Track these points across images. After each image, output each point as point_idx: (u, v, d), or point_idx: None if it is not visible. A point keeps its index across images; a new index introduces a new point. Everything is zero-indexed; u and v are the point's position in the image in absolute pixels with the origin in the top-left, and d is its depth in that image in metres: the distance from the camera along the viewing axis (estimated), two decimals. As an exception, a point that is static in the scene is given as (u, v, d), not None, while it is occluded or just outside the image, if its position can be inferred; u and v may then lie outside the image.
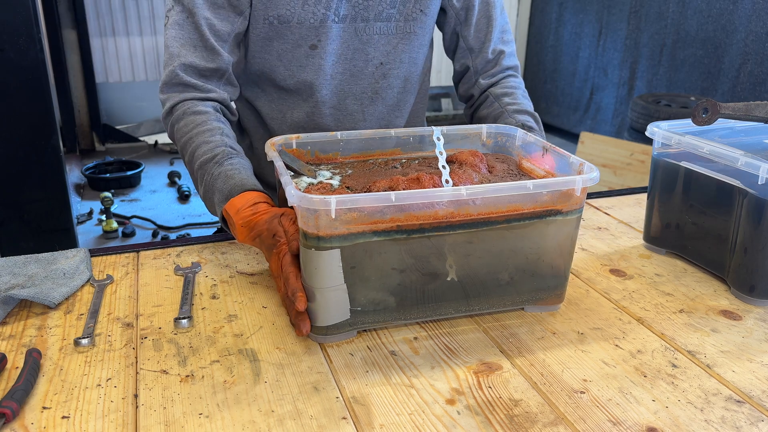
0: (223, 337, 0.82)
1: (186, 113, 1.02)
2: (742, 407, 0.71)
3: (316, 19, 1.05)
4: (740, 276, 0.93)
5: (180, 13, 1.01)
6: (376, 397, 0.71)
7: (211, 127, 0.99)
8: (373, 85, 1.14)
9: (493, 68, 1.21)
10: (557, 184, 0.80)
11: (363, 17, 1.07)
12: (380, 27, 1.09)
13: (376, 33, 1.09)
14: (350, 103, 1.15)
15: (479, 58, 1.20)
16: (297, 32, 1.06)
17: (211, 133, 0.98)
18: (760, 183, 0.86)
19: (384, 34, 1.10)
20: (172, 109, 1.03)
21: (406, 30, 1.11)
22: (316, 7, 1.04)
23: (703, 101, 0.92)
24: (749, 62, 3.39)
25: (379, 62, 1.12)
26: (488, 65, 1.21)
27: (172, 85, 1.04)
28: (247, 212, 0.89)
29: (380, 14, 1.08)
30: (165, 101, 1.04)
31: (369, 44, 1.10)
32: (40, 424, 0.66)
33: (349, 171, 0.96)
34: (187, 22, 1.01)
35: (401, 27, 1.10)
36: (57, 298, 0.87)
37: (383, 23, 1.08)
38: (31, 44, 2.26)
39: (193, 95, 1.03)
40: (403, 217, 0.76)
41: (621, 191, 1.36)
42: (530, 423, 0.67)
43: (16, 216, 2.40)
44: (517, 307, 0.88)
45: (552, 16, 4.89)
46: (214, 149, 0.97)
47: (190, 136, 0.99)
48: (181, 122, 1.02)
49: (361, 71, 1.13)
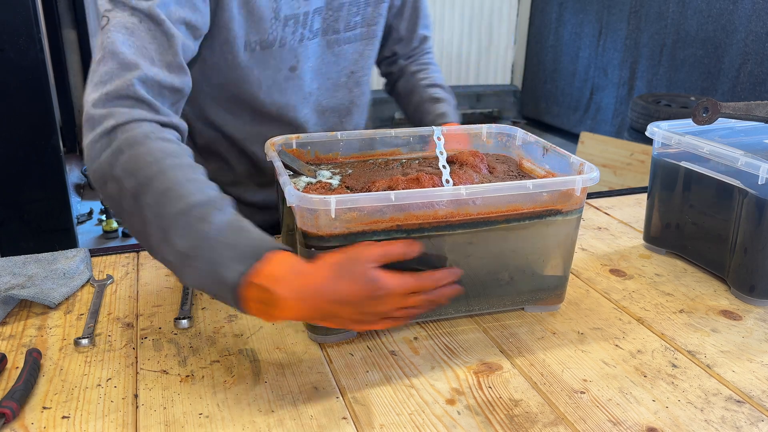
0: (223, 337, 0.82)
1: (148, 137, 0.74)
2: (742, 407, 0.71)
3: (295, 39, 1.00)
4: (740, 276, 0.93)
5: (131, 17, 0.80)
6: (376, 397, 0.71)
7: (191, 163, 0.75)
8: (348, 95, 1.14)
9: (414, 50, 1.29)
10: (557, 184, 0.80)
11: (334, 29, 1.05)
12: (349, 36, 1.07)
13: (345, 43, 1.08)
14: (329, 117, 1.14)
15: (408, 46, 1.26)
16: (278, 56, 0.99)
17: (193, 169, 0.74)
18: (760, 183, 0.86)
19: (352, 42, 1.09)
20: (117, 129, 0.74)
21: (369, 35, 1.11)
22: (296, 27, 0.99)
23: (704, 101, 0.92)
24: (749, 62, 3.39)
25: (350, 71, 1.11)
26: (413, 50, 1.28)
27: (120, 98, 0.76)
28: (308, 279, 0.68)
29: (348, 23, 1.06)
30: (104, 117, 0.75)
31: (341, 56, 1.09)
32: (40, 424, 0.66)
33: (349, 171, 0.96)
34: (142, 28, 0.80)
35: (365, 33, 1.10)
36: (57, 298, 0.87)
37: (351, 32, 1.08)
38: (31, 44, 2.26)
39: (151, 116, 0.77)
40: (402, 217, 0.76)
41: (621, 191, 1.36)
42: (530, 423, 0.67)
43: (16, 216, 2.40)
44: (517, 307, 0.88)
45: (552, 16, 4.89)
46: (206, 190, 0.72)
47: (161, 168, 0.71)
48: (140, 148, 0.73)
49: (336, 84, 1.11)
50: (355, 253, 0.69)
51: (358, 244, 0.71)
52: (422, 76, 1.26)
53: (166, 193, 0.70)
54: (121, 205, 0.73)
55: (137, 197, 0.70)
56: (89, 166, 0.75)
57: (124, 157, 0.72)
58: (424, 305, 0.73)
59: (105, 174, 0.73)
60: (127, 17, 0.80)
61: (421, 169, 0.95)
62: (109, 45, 0.78)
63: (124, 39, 0.79)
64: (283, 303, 0.66)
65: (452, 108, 1.20)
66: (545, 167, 0.94)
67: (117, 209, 0.74)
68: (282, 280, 0.66)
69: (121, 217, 0.74)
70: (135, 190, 0.71)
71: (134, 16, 0.80)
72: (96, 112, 0.75)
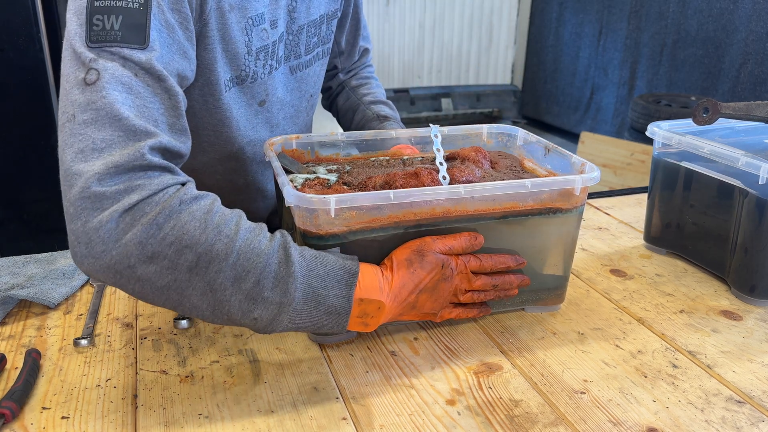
0: (222, 337, 0.81)
1: (183, 202, 0.66)
2: (743, 407, 0.71)
3: (265, 72, 0.93)
4: (741, 276, 0.93)
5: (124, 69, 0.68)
6: (376, 398, 0.71)
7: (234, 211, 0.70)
8: (306, 119, 1.09)
9: (355, 64, 1.25)
10: (556, 183, 0.80)
11: (295, 54, 0.99)
12: (309, 59, 1.03)
13: (306, 66, 1.03)
14: None
15: (349, 60, 1.23)
16: (250, 92, 0.92)
17: (242, 217, 0.70)
18: (760, 183, 0.86)
19: (312, 65, 1.04)
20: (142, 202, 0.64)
21: (323, 54, 1.07)
22: (266, 59, 0.92)
23: (704, 101, 0.92)
24: (749, 62, 3.39)
25: (309, 95, 1.07)
26: (353, 63, 1.25)
27: (133, 170, 0.65)
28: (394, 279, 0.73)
29: (308, 45, 1.01)
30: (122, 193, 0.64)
31: (303, 80, 1.03)
32: (39, 424, 0.66)
33: (347, 167, 0.96)
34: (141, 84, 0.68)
35: (320, 53, 1.06)
36: (56, 299, 0.87)
37: (310, 54, 1.03)
38: (31, 44, 2.26)
39: (173, 180, 0.68)
40: (401, 214, 0.76)
41: (621, 191, 1.36)
42: (530, 423, 0.67)
43: (16, 216, 2.40)
44: (517, 307, 0.88)
45: (552, 16, 4.89)
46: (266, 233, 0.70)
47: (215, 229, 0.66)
48: (181, 216, 0.65)
49: (298, 110, 1.05)
50: (422, 244, 0.76)
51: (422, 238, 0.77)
52: (364, 92, 1.21)
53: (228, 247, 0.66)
54: (166, 285, 0.65)
55: (199, 269, 0.65)
56: (101, 252, 0.63)
57: (164, 232, 0.64)
58: (489, 289, 0.80)
59: (132, 257, 0.63)
60: (119, 69, 0.67)
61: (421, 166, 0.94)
62: (105, 106, 0.65)
63: (123, 98, 0.67)
64: (386, 308, 0.72)
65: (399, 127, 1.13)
66: (547, 167, 0.94)
67: (154, 293, 0.66)
68: (381, 289, 0.72)
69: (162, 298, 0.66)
70: (193, 262, 0.65)
71: (127, 69, 0.68)
72: (106, 189, 0.63)
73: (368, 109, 1.18)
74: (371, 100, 1.20)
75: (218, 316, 0.68)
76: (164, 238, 0.64)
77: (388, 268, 0.74)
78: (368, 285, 0.71)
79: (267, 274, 0.66)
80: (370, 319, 0.71)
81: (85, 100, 0.66)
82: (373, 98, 1.20)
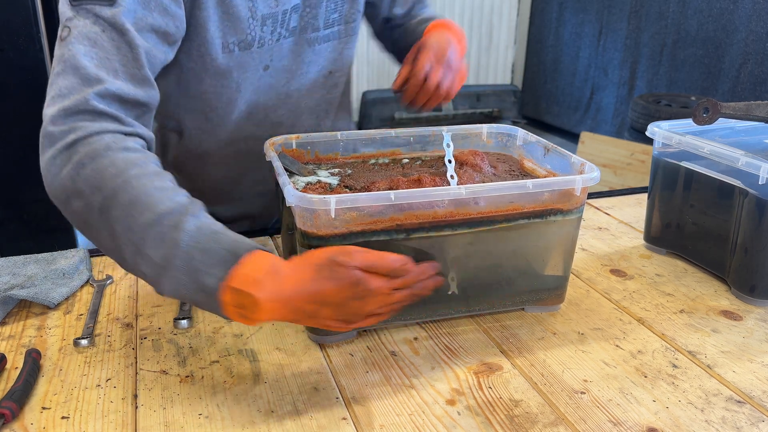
0: (222, 337, 0.81)
1: (110, 149, 0.71)
2: (743, 407, 0.71)
3: (273, 38, 0.96)
4: (741, 276, 0.93)
5: (93, 26, 0.76)
6: (376, 398, 0.71)
7: (156, 170, 0.72)
8: (325, 96, 1.11)
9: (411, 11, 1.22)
10: (557, 184, 0.80)
11: (312, 27, 1.02)
12: (327, 34, 1.04)
13: (324, 41, 1.04)
14: (306, 119, 1.10)
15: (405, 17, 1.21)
16: (256, 56, 0.96)
17: (160, 177, 0.72)
18: (760, 183, 0.86)
19: (331, 40, 1.05)
20: (77, 142, 0.71)
21: (347, 33, 1.07)
22: (273, 26, 0.96)
23: (704, 101, 0.92)
24: (750, 62, 3.38)
25: (328, 71, 1.08)
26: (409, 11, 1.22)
27: (79, 113, 0.73)
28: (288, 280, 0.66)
29: (327, 20, 1.03)
30: (64, 133, 0.72)
31: (319, 54, 1.05)
32: (39, 424, 0.66)
33: (348, 171, 0.96)
34: (105, 37, 0.76)
35: (343, 31, 1.06)
36: (56, 299, 0.87)
37: (329, 29, 1.04)
38: (31, 44, 2.26)
39: (114, 128, 0.74)
40: (402, 217, 0.76)
41: (621, 191, 1.36)
42: (530, 423, 0.67)
43: (16, 216, 2.40)
44: (517, 307, 0.88)
45: (552, 16, 4.89)
46: (174, 197, 0.69)
47: (126, 179, 0.69)
48: (102, 160, 0.70)
49: (314, 84, 1.08)
50: (339, 253, 0.67)
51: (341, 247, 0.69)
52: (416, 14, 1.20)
53: (133, 204, 0.67)
54: (87, 221, 0.70)
55: (104, 212, 0.68)
56: (49, 184, 0.72)
57: (86, 171, 0.69)
58: (408, 299, 0.71)
59: (67, 190, 0.70)
60: (89, 26, 0.75)
61: (422, 170, 0.94)
62: (70, 58, 0.74)
63: (86, 50, 0.75)
64: (262, 305, 0.64)
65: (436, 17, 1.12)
66: (546, 167, 0.94)
67: (82, 226, 0.72)
68: (259, 282, 0.64)
69: (88, 233, 0.72)
70: (101, 204, 0.68)
71: (97, 25, 0.75)
72: (55, 129, 0.72)
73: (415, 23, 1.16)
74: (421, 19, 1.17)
75: (121, 262, 0.71)
76: (86, 178, 0.69)
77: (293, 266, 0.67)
78: (247, 275, 0.64)
79: (154, 234, 0.67)
80: (248, 312, 0.65)
81: (59, 54, 0.76)
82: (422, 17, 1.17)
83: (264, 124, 1.04)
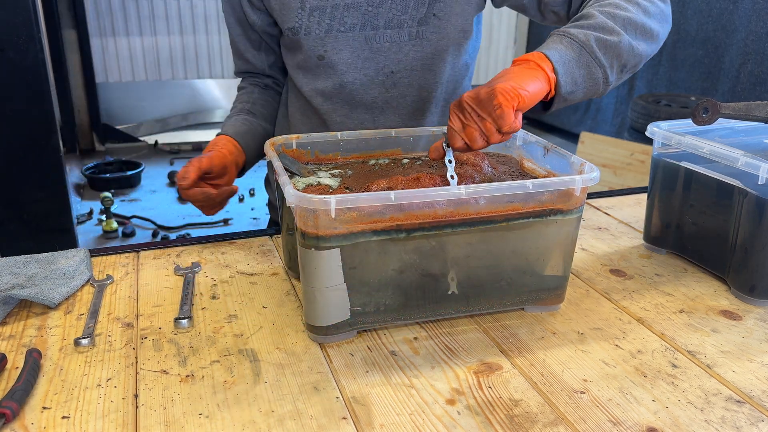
0: (223, 337, 0.82)
1: (239, 89, 1.25)
2: (743, 407, 0.71)
3: (321, 29, 1.06)
4: (740, 276, 0.93)
5: (225, 20, 1.18)
6: (376, 397, 0.71)
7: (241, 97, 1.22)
8: (383, 94, 1.12)
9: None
10: (557, 184, 0.80)
11: (373, 25, 1.06)
12: (391, 34, 1.06)
13: (386, 41, 1.06)
14: (360, 113, 1.13)
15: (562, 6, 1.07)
16: (306, 43, 1.08)
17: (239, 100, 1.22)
18: (760, 183, 0.86)
19: (395, 41, 1.07)
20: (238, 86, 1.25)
21: (418, 36, 1.07)
22: (321, 18, 1.06)
23: (704, 101, 0.92)
24: (749, 62, 3.39)
25: (390, 71, 1.10)
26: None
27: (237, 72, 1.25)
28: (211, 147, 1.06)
29: (391, 21, 1.05)
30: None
31: (379, 52, 1.08)
32: (40, 424, 0.66)
33: (349, 172, 0.96)
34: (228, 28, 1.19)
35: (413, 33, 1.07)
36: (57, 298, 0.87)
37: (394, 30, 1.06)
38: (31, 44, 2.26)
39: (244, 83, 1.25)
40: (402, 217, 0.76)
41: (621, 191, 1.36)
42: (530, 423, 0.67)
43: (16, 216, 2.40)
44: (517, 307, 0.88)
45: (552, 16, 4.88)
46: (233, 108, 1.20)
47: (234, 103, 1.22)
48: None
49: (371, 80, 1.10)
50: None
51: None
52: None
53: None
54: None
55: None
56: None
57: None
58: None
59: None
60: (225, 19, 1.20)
61: (422, 170, 0.94)
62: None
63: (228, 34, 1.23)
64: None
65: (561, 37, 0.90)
66: (546, 167, 0.94)
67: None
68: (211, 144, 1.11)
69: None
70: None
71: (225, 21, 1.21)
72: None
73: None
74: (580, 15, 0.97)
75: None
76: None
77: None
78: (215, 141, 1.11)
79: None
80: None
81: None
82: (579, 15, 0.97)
83: (321, 108, 1.14)
